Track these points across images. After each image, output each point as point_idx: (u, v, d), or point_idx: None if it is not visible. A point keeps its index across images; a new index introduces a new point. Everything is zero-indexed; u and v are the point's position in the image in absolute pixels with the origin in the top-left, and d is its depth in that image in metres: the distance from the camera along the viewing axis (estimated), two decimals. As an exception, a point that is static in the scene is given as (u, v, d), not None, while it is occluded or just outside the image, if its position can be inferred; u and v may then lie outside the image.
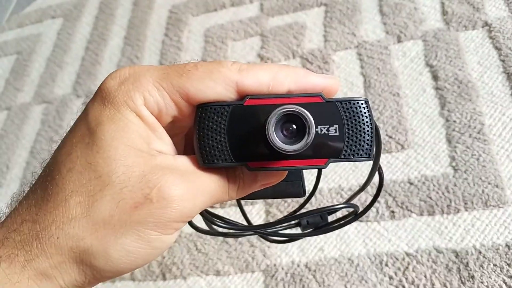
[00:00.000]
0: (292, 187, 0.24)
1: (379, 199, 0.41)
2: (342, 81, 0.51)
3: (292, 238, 0.25)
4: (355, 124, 0.17)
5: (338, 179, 0.44)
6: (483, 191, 0.39)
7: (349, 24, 0.55)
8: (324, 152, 0.17)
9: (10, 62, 0.73)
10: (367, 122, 0.17)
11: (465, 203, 0.39)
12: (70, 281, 0.16)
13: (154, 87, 0.17)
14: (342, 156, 0.17)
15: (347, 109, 0.17)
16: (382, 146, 0.45)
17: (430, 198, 0.40)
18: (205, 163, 0.17)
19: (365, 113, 0.17)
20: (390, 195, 0.41)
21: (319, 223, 0.24)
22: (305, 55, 0.54)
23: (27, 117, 0.64)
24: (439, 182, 0.41)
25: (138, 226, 0.16)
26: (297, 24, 0.58)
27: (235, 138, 0.17)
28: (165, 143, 0.18)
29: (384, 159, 0.44)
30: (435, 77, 0.47)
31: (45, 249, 0.16)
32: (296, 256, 0.41)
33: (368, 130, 0.17)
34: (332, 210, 0.23)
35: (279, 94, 0.17)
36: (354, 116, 0.17)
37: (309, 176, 0.44)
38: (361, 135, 0.17)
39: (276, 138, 0.16)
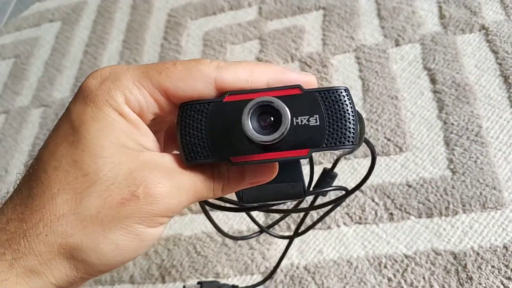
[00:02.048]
0: (292, 188, 0.24)
1: (377, 201, 0.42)
2: (340, 85, 0.51)
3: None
4: (335, 113, 0.18)
5: (337, 182, 0.44)
6: (481, 193, 0.39)
7: (348, 27, 0.55)
8: (306, 143, 0.17)
9: (8, 65, 0.73)
10: (347, 110, 0.18)
11: (463, 205, 0.39)
12: (60, 277, 0.16)
13: (134, 86, 0.17)
14: (324, 145, 0.17)
15: (326, 98, 0.18)
16: (381, 149, 0.45)
17: (429, 200, 0.40)
18: (188, 160, 0.18)
19: (345, 101, 0.18)
20: (388, 197, 0.41)
21: None
22: (304, 59, 0.54)
23: (26, 120, 0.64)
24: (437, 184, 0.41)
25: (125, 221, 0.17)
26: (296, 27, 0.58)
27: (216, 134, 0.17)
28: (150, 140, 0.18)
29: (382, 162, 0.44)
30: (433, 80, 0.48)
31: (33, 247, 0.16)
32: (295, 259, 0.41)
33: (349, 118, 0.17)
34: (325, 191, 0.25)
35: (258, 89, 0.17)
36: (334, 104, 0.18)
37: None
38: (342, 123, 0.17)
39: (251, 129, 0.16)
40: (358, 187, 0.23)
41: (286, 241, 0.43)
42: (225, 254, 0.42)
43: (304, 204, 0.34)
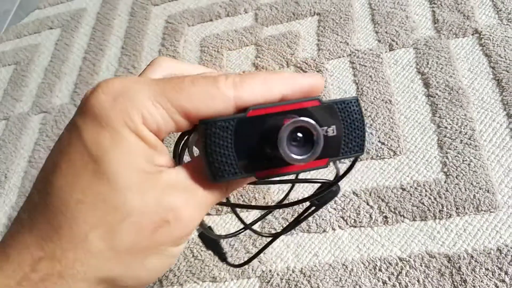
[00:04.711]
0: None
1: (372, 204, 0.42)
2: (335, 89, 0.52)
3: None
4: (350, 123, 0.18)
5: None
6: (474, 196, 0.40)
7: (342, 33, 0.56)
8: (325, 153, 0.18)
9: (8, 72, 0.73)
10: (359, 119, 0.18)
11: (457, 208, 0.40)
12: None
13: (152, 105, 0.16)
14: (341, 154, 0.18)
15: (342, 109, 0.18)
16: (375, 153, 0.45)
17: (423, 203, 0.41)
18: (216, 179, 0.17)
19: (358, 111, 0.18)
20: (383, 200, 0.42)
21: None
22: (299, 64, 0.55)
23: (25, 127, 0.64)
24: (431, 187, 0.41)
25: (159, 246, 0.17)
26: (291, 33, 0.59)
27: (243, 151, 0.17)
28: (164, 157, 0.18)
29: (377, 166, 0.44)
30: (426, 84, 0.48)
31: (71, 285, 0.16)
32: (291, 262, 0.41)
33: (360, 127, 0.18)
34: (313, 182, 0.25)
35: (278, 102, 0.18)
36: (348, 115, 0.18)
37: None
38: (355, 132, 0.18)
39: (290, 154, 0.16)
40: (339, 179, 0.24)
41: (282, 244, 0.43)
42: (221, 258, 0.43)
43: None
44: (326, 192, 0.24)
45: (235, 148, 0.17)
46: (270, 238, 0.28)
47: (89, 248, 0.16)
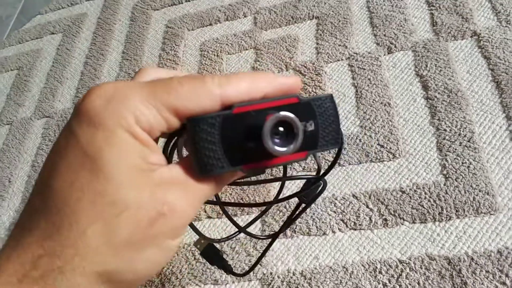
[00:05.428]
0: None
1: (372, 207, 0.42)
2: (334, 92, 0.52)
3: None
4: (326, 118, 0.20)
5: (331, 188, 0.45)
6: (474, 199, 0.40)
7: (341, 36, 0.56)
8: (304, 146, 0.19)
9: (11, 77, 0.74)
10: (334, 114, 0.20)
11: (457, 211, 0.40)
12: None
13: (143, 106, 0.17)
14: (318, 147, 0.20)
15: (319, 105, 0.20)
16: (374, 156, 0.45)
17: (422, 206, 0.41)
18: (203, 172, 0.19)
19: (332, 107, 0.20)
20: (382, 203, 0.42)
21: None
22: (298, 67, 0.55)
23: (28, 131, 0.65)
24: (431, 190, 0.41)
25: (155, 239, 0.18)
26: (290, 37, 0.59)
27: (229, 146, 0.18)
28: (158, 155, 0.19)
29: (376, 168, 0.45)
30: (425, 87, 0.48)
31: (71, 280, 0.16)
32: (292, 265, 0.41)
33: (335, 121, 0.20)
34: (298, 178, 0.29)
35: (261, 100, 0.19)
36: (324, 111, 0.20)
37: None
38: (331, 126, 0.20)
39: (273, 146, 0.18)
40: (324, 175, 0.25)
41: (282, 247, 0.43)
42: (222, 261, 0.43)
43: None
44: (312, 187, 0.26)
45: (222, 143, 0.18)
46: (269, 241, 0.29)
47: (87, 243, 0.16)
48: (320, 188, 0.26)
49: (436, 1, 0.54)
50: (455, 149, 0.43)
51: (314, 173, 0.44)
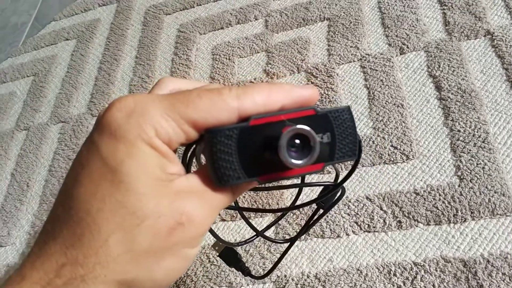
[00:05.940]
0: None
1: (386, 209, 0.42)
2: (346, 94, 0.52)
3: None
4: (343, 130, 0.20)
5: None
6: (489, 200, 0.39)
7: (352, 37, 0.56)
8: (320, 157, 0.19)
9: (27, 83, 0.76)
10: (352, 126, 0.20)
11: (472, 212, 0.39)
12: None
13: (163, 119, 0.18)
14: (335, 159, 0.20)
15: (336, 117, 0.20)
16: (388, 157, 0.45)
17: (437, 207, 0.41)
18: (221, 183, 0.19)
19: (349, 119, 0.20)
20: (396, 205, 0.42)
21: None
22: (310, 69, 0.55)
23: (45, 136, 0.66)
24: (445, 191, 0.41)
25: (174, 248, 0.18)
26: (301, 39, 0.59)
27: (245, 157, 0.19)
28: (176, 165, 0.19)
29: (390, 170, 0.45)
30: (438, 88, 0.48)
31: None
32: (306, 267, 0.42)
33: (353, 133, 0.20)
34: (316, 185, 0.28)
35: (277, 112, 0.19)
36: (342, 123, 0.20)
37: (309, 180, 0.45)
38: (348, 138, 0.20)
39: (289, 159, 0.18)
40: (342, 182, 0.26)
41: (296, 249, 0.44)
42: (237, 264, 0.43)
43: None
44: (330, 194, 0.26)
45: (239, 155, 0.18)
46: (286, 244, 0.30)
47: (109, 252, 0.17)
48: (338, 195, 0.26)
49: (448, 1, 0.54)
50: (470, 150, 0.43)
51: (331, 178, 0.44)
